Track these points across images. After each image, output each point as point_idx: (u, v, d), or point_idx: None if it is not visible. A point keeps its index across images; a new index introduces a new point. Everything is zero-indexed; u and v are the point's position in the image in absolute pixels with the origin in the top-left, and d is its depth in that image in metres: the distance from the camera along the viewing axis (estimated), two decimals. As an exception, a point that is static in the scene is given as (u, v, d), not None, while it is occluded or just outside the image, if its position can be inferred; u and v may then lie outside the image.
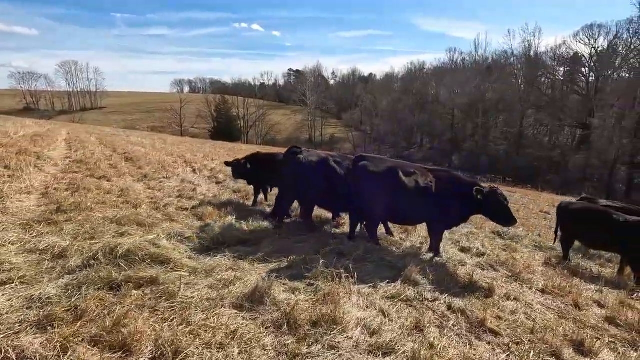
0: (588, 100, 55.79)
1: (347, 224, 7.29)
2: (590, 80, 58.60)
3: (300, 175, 6.73)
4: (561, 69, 65.47)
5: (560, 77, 64.99)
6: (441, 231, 6.46)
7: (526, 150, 58.04)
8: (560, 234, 8.16)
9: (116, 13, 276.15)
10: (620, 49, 55.84)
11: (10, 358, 2.68)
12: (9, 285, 3.82)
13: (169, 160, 14.96)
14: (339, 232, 7.16)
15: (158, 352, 2.93)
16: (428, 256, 6.46)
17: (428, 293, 4.82)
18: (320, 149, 68.89)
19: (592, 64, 58.16)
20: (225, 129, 74.66)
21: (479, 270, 6.08)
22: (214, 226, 5.97)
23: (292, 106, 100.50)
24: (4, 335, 2.97)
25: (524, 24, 70.51)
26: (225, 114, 79.02)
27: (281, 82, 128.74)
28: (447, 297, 4.76)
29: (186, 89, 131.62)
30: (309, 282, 4.57)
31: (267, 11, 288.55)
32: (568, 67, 63.84)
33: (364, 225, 6.73)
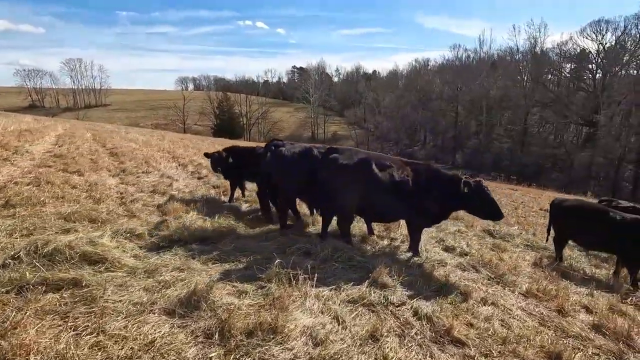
0: (594, 97, 54.70)
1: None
2: (597, 77, 57.46)
3: (280, 169, 6.30)
4: (567, 65, 64.36)
5: (567, 74, 63.89)
6: (420, 229, 6.01)
7: (531, 148, 57.13)
8: (553, 233, 7.68)
9: (121, 11, 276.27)
10: (628, 45, 54.66)
11: None
12: None
13: (157, 156, 14.61)
14: (314, 231, 6.73)
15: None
16: (406, 256, 6.03)
17: (395, 297, 4.38)
18: (322, 147, 68.73)
19: (599, 60, 57.00)
20: (228, 126, 74.37)
21: (458, 272, 5.65)
22: (173, 223, 5.56)
23: (295, 104, 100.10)
24: None
25: (529, 20, 69.28)
26: (228, 111, 78.76)
27: (285, 79, 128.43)
28: (416, 302, 4.32)
29: (190, 86, 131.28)
30: (260, 284, 4.16)
31: (272, 9, 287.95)
32: (574, 64, 62.67)
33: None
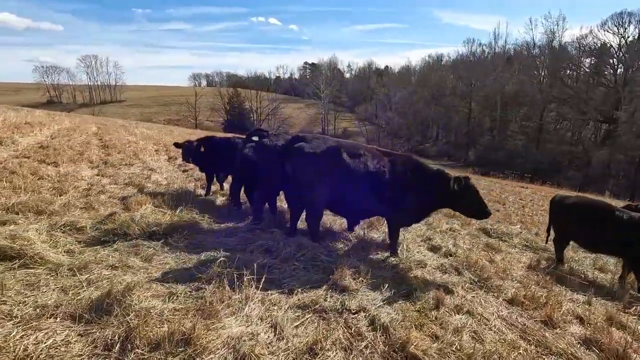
0: (615, 92, 52.58)
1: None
2: (619, 71, 55.17)
3: (265, 160, 5.85)
4: (587, 60, 61.95)
5: (586, 69, 61.54)
6: (398, 226, 5.46)
7: (546, 145, 55.31)
8: (553, 233, 7.02)
9: (137, 8, 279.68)
10: (652, 38, 52.31)
11: None
12: None
13: (150, 149, 14.36)
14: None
15: None
16: (383, 255, 5.49)
17: (354, 302, 3.87)
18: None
19: (621, 54, 54.69)
20: (238, 122, 74.36)
21: (437, 274, 5.10)
22: (123, 215, 5.14)
23: (306, 100, 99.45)
24: None
25: (547, 13, 66.92)
26: (238, 107, 78.83)
27: (296, 75, 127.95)
28: (377, 308, 3.81)
29: (203, 82, 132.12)
30: (197, 285, 3.70)
31: (285, 5, 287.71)
32: (594, 58, 60.29)
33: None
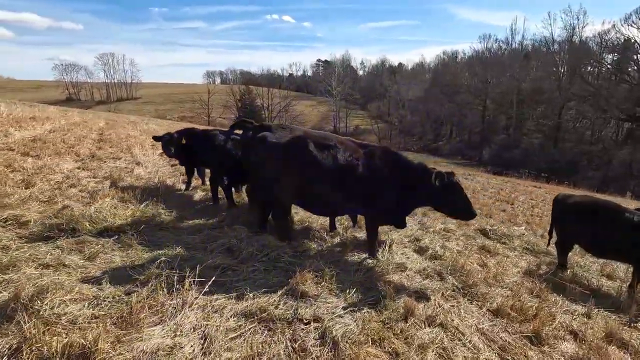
0: (639, 90, 50.34)
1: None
2: (643, 68, 52.86)
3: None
4: (609, 56, 59.52)
5: (608, 65, 59.09)
6: (375, 224, 4.98)
7: (565, 144, 53.46)
8: (555, 235, 6.42)
9: (153, 7, 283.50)
10: (680, 32, 49.83)
11: None
12: None
13: (147, 144, 14.15)
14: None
15: None
16: (359, 257, 5.02)
17: (310, 310, 3.43)
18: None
19: (646, 49, 52.36)
20: (250, 119, 74.35)
21: (417, 279, 4.60)
22: (77, 209, 4.80)
23: (318, 97, 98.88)
24: None
25: (567, 7, 64.36)
26: (250, 104, 78.77)
27: (309, 72, 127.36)
28: (335, 318, 3.36)
29: (217, 80, 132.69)
30: (129, 288, 3.31)
31: (298, 2, 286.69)
32: (617, 54, 57.86)
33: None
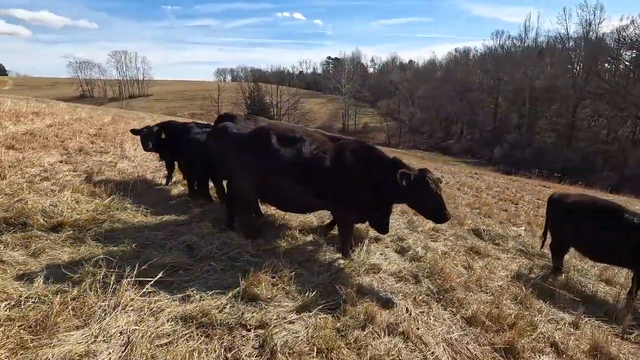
0: (658, 87, 48.67)
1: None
2: (663, 65, 51.02)
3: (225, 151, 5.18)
4: (627, 53, 57.59)
5: (626, 62, 57.22)
6: (346, 223, 4.65)
7: (579, 143, 52.04)
8: (550, 237, 6.02)
9: (166, 5, 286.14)
10: (702, 27, 47.91)
11: None
12: None
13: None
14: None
15: None
16: (331, 257, 4.71)
17: (257, 315, 3.13)
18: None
19: (666, 46, 50.53)
20: (258, 116, 74.45)
21: (390, 282, 4.28)
22: (30, 202, 4.58)
23: (328, 95, 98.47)
24: None
25: (583, 2, 62.28)
26: (259, 102, 78.87)
27: (319, 70, 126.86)
28: (283, 324, 3.06)
29: (228, 77, 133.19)
30: (59, 288, 3.07)
31: (309, 0, 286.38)
32: (636, 51, 55.94)
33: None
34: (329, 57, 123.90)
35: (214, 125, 4.57)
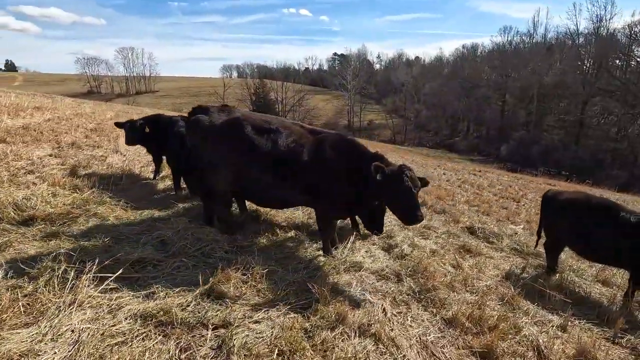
0: (670, 84, 47.58)
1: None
2: (676, 61, 49.85)
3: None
4: (639, 49, 56.32)
5: (638, 59, 56.02)
6: (327, 219, 4.49)
7: (587, 141, 51.16)
8: (545, 236, 5.81)
9: (173, 2, 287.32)
10: None
11: None
12: None
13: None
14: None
15: None
16: (312, 254, 4.57)
17: (222, 314, 2.99)
18: (358, 135, 66.47)
19: (679, 41, 49.34)
20: (264, 112, 74.38)
21: (370, 280, 4.12)
22: (2, 195, 4.48)
23: (333, 91, 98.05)
24: None
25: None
26: (264, 98, 78.82)
27: (325, 66, 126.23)
28: (247, 324, 2.92)
29: (234, 74, 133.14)
30: (14, 283, 2.96)
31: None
32: (648, 46, 54.78)
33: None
34: (335, 54, 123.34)
35: (188, 117, 4.43)
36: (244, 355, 2.54)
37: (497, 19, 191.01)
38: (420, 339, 3.16)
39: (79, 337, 2.50)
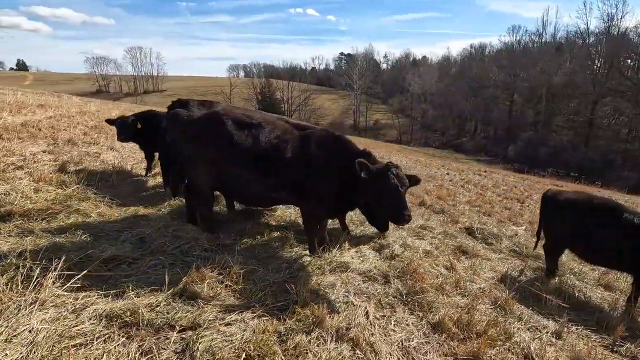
0: (683, 84, 46.56)
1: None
2: (689, 60, 48.78)
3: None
4: (652, 47, 55.24)
5: (650, 57, 54.95)
6: (313, 218, 4.32)
7: (597, 141, 50.25)
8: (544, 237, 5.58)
9: (181, 2, 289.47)
10: None
11: None
12: None
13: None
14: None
15: None
16: (297, 253, 4.41)
17: (191, 315, 2.85)
18: (363, 135, 66.11)
19: (693, 40, 48.25)
20: (269, 112, 74.35)
21: (356, 282, 3.94)
22: None
23: (339, 91, 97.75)
24: None
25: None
26: (270, 97, 78.86)
27: (332, 66, 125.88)
28: (220, 326, 2.78)
29: (241, 73, 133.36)
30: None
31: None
32: (661, 45, 53.69)
33: None
34: (341, 53, 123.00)
35: (167, 112, 4.30)
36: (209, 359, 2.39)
37: (506, 18, 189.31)
38: (402, 344, 2.99)
39: (34, 338, 2.37)
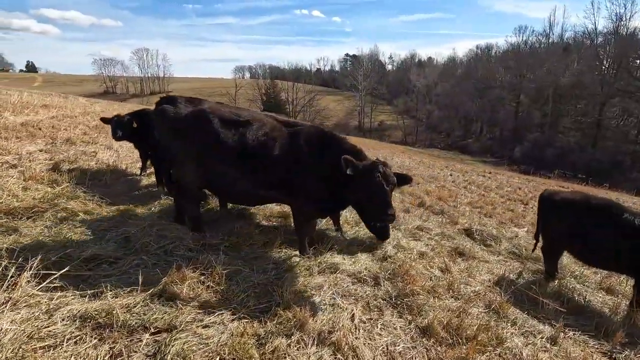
0: (693, 84, 45.77)
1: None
2: (700, 60, 47.94)
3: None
4: (661, 47, 54.36)
5: (659, 58, 54.10)
6: (303, 216, 4.22)
7: (606, 143, 49.53)
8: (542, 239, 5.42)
9: (187, 4, 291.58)
10: None
11: None
12: None
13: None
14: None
15: None
16: (287, 254, 4.31)
17: (167, 317, 2.77)
18: (368, 136, 65.88)
19: None
20: (274, 113, 74.48)
21: (345, 283, 3.84)
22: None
23: (345, 92, 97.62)
24: None
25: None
26: (274, 98, 79.00)
27: (337, 67, 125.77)
28: (197, 328, 2.69)
29: (247, 74, 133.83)
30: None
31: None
32: (671, 45, 52.81)
33: None
34: (346, 54, 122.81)
35: (154, 109, 4.23)
36: (180, 362, 2.30)
37: (512, 18, 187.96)
38: (387, 348, 2.88)
39: (1, 339, 2.30)
